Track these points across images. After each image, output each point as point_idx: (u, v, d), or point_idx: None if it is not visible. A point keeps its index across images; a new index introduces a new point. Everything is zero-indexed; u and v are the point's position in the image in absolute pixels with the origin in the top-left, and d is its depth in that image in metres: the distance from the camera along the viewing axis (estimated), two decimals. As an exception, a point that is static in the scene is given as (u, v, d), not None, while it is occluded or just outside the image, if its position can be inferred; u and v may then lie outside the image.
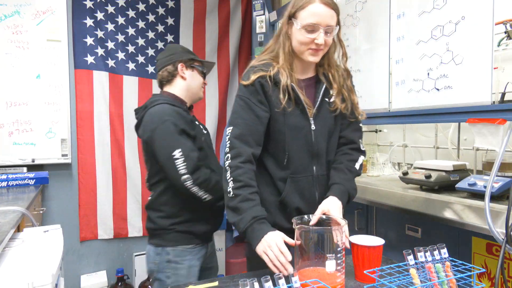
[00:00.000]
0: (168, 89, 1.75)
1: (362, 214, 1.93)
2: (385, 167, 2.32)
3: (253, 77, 1.28)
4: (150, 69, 3.11)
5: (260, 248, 1.11)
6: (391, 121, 1.75)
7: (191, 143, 1.57)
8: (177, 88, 1.74)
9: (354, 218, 1.94)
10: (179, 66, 1.73)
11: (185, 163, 1.52)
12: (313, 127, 1.30)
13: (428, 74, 1.52)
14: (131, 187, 3.04)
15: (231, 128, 1.28)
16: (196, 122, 1.73)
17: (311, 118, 1.30)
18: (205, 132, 1.80)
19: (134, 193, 3.05)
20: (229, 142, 1.26)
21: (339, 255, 1.00)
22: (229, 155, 1.24)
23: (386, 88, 1.74)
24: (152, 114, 1.58)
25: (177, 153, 1.52)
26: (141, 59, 3.07)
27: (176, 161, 1.51)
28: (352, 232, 1.78)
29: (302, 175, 1.32)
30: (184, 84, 1.74)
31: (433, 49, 1.49)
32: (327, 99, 1.33)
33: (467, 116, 1.32)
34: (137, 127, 1.71)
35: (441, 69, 1.45)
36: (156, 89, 3.11)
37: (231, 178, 1.21)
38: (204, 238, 1.72)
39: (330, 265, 0.99)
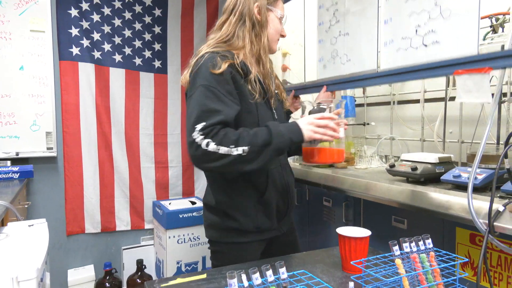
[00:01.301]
0: None
1: (349, 206, 1.96)
2: (372, 160, 2.35)
3: (224, 65, 1.15)
4: (138, 61, 3.07)
5: (307, 135, 1.15)
6: (379, 81, 1.74)
7: None
8: None
9: (341, 210, 1.96)
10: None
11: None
12: (276, 116, 1.32)
13: (416, 31, 1.52)
14: (119, 180, 3.02)
15: (202, 124, 1.09)
16: None
17: (274, 108, 1.32)
18: None
19: (122, 186, 3.03)
20: (201, 131, 1.09)
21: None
22: (209, 140, 1.08)
23: (375, 49, 1.73)
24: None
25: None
26: (128, 50, 3.03)
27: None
28: (340, 224, 1.81)
29: (273, 167, 1.30)
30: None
31: (421, 5, 1.49)
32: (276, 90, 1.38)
33: (454, 68, 1.31)
34: None
35: (429, 25, 1.45)
36: (143, 81, 3.08)
37: (228, 146, 1.09)
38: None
39: (342, 131, 1.25)
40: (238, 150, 1.08)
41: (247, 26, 1.24)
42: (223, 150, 1.08)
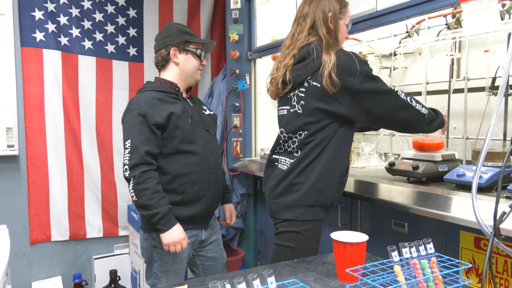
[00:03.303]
0: (162, 74, 1.91)
1: (345, 209, 1.98)
2: (371, 158, 2.38)
3: None
4: (110, 48, 3.04)
5: None
6: (378, 22, 1.78)
7: (151, 135, 1.72)
8: (171, 73, 1.89)
9: (337, 213, 1.98)
10: (172, 51, 1.86)
11: (129, 154, 1.71)
12: None
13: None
14: (89, 181, 2.99)
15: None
16: (189, 109, 1.85)
17: None
18: (203, 118, 1.92)
19: (93, 188, 3.00)
20: None
21: None
22: None
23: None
24: (129, 102, 1.83)
25: (127, 143, 1.72)
26: (99, 36, 2.99)
27: (125, 150, 1.73)
28: (335, 228, 1.83)
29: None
30: (177, 69, 1.88)
31: None
32: None
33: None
34: None
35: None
36: (116, 70, 3.06)
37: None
38: (193, 223, 1.85)
39: None
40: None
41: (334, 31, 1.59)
42: None
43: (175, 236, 1.71)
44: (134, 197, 1.72)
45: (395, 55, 2.30)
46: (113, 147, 3.07)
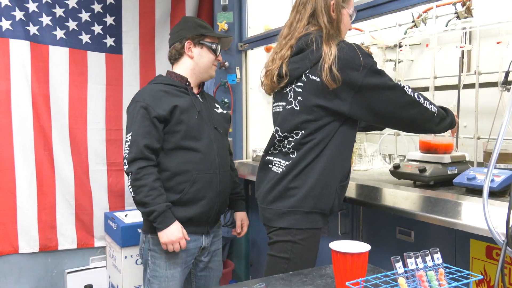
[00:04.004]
0: (175, 68, 2.01)
1: (346, 216, 1.99)
2: (374, 160, 2.40)
3: None
4: (85, 38, 3.02)
5: None
6: (381, 10, 1.81)
7: (152, 129, 1.81)
8: (183, 67, 1.99)
9: (337, 221, 1.99)
10: (186, 44, 1.96)
11: (128, 148, 1.81)
12: None
13: None
14: (61, 187, 2.97)
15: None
16: (198, 104, 1.94)
17: None
18: (214, 116, 2.00)
19: (65, 194, 2.98)
20: None
21: None
22: None
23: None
24: (135, 93, 1.94)
25: (128, 136, 1.83)
26: (72, 25, 2.98)
27: (125, 144, 1.84)
28: (334, 237, 1.84)
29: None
30: (191, 63, 1.98)
31: None
32: None
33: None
34: None
35: None
36: (91, 63, 3.05)
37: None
38: (192, 226, 1.90)
39: None
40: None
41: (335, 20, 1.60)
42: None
43: (172, 234, 1.79)
44: (132, 193, 1.82)
45: (400, 46, 2.31)
46: (88, 148, 3.05)
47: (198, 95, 2.00)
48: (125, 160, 1.81)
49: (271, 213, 1.60)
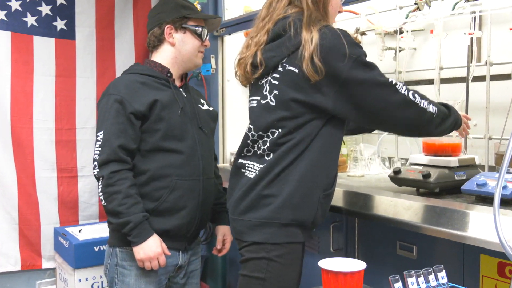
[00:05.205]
0: (154, 56, 2.00)
1: (339, 229, 2.00)
2: (371, 164, 2.42)
3: None
4: (30, 20, 2.99)
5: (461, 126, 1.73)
6: None
7: (128, 127, 1.81)
8: (163, 54, 1.98)
9: (328, 235, 2.00)
10: (167, 29, 1.94)
11: (99, 149, 1.81)
12: None
13: None
14: (1, 197, 2.94)
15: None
16: (180, 99, 1.94)
17: None
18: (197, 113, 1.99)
19: (6, 206, 2.94)
20: None
21: None
22: None
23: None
24: (108, 85, 1.94)
25: (100, 135, 1.82)
26: (15, 4, 2.94)
27: (96, 143, 1.83)
28: (326, 254, 1.85)
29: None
30: (173, 50, 1.97)
31: None
32: None
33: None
34: None
35: None
36: (38, 50, 3.03)
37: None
38: (168, 241, 1.87)
39: None
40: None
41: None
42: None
43: (149, 249, 1.77)
44: (103, 201, 1.80)
45: (401, 32, 2.34)
46: (34, 151, 3.02)
47: (181, 88, 1.99)
48: (96, 163, 1.79)
49: (242, 225, 1.58)
